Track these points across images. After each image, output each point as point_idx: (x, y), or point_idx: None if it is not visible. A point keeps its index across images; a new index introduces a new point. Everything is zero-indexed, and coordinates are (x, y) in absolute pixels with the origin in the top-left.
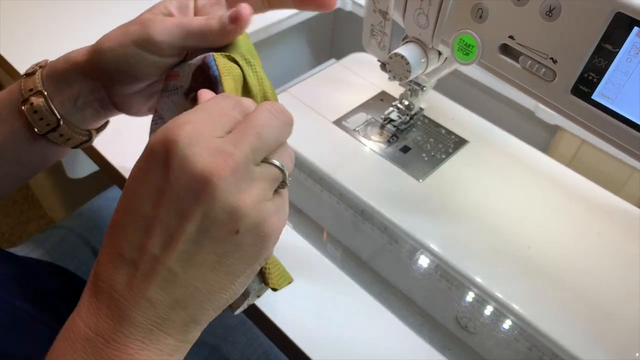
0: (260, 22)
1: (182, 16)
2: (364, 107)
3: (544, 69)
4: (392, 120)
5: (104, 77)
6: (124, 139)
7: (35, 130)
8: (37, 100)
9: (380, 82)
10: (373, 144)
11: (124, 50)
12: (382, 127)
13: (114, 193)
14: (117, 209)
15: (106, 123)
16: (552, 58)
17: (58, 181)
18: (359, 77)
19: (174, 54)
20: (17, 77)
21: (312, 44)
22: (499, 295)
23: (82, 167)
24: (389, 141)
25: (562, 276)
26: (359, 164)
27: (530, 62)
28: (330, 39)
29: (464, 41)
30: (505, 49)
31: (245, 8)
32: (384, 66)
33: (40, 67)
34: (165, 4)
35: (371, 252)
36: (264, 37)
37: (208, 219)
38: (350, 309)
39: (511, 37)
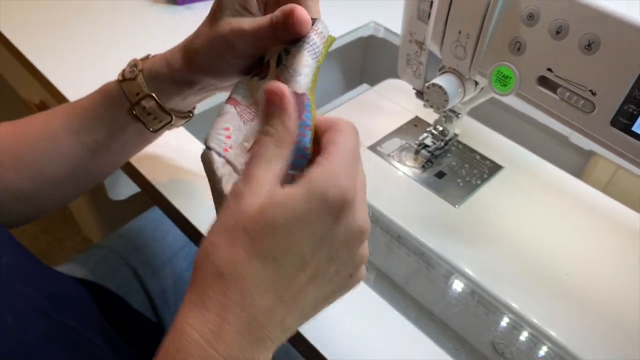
0: None
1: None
2: (398, 132)
3: (582, 101)
4: (426, 145)
5: (200, 70)
6: (165, 160)
7: (151, 129)
8: (148, 104)
9: (414, 107)
10: (407, 169)
11: (217, 61)
12: (417, 152)
13: (154, 214)
14: (262, 239)
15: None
16: (591, 90)
17: (97, 201)
18: (393, 103)
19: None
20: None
21: (343, 70)
22: (536, 321)
23: (123, 189)
24: (423, 166)
25: (600, 303)
26: (394, 189)
27: (568, 94)
28: (362, 65)
29: (501, 73)
30: (543, 81)
31: (298, 10)
32: (419, 93)
33: (140, 70)
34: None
35: (407, 277)
36: None
37: (348, 264)
38: (389, 334)
39: (549, 69)
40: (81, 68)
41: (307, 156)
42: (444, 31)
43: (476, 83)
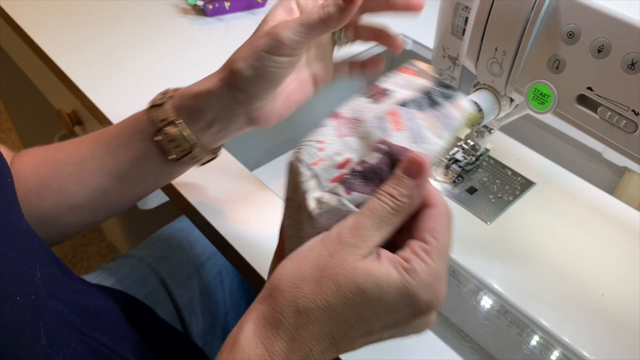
0: None
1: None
2: None
3: (624, 121)
4: (457, 160)
5: (242, 96)
6: (193, 170)
7: (172, 157)
8: (172, 130)
9: None
10: (438, 184)
11: (260, 62)
12: (447, 167)
13: (182, 224)
14: (346, 301)
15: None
16: (633, 110)
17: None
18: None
19: (302, 50)
20: (78, 94)
21: (370, 81)
22: (570, 343)
23: (152, 198)
24: (454, 181)
25: (638, 326)
26: None
27: (610, 113)
28: None
29: (539, 91)
30: (583, 100)
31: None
32: None
33: (169, 97)
34: (274, 14)
35: None
36: None
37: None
38: (420, 352)
39: (590, 88)
40: (112, 78)
41: None
42: (480, 48)
43: (511, 100)
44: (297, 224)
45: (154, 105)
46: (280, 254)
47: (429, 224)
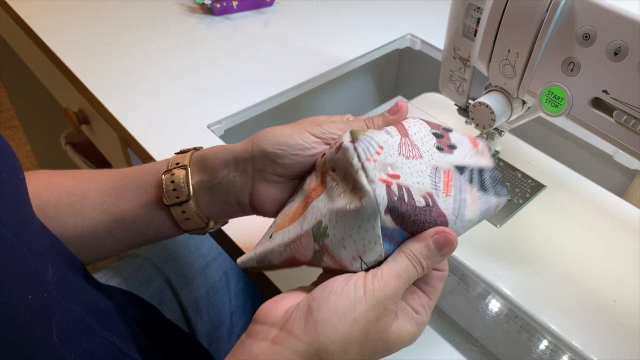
0: (331, 62)
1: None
2: None
3: None
4: None
5: (260, 159)
6: None
7: (164, 200)
8: (178, 172)
9: (454, 123)
10: None
11: (302, 137)
12: None
13: None
14: (336, 331)
15: (224, 222)
16: None
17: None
18: (432, 117)
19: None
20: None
21: (377, 82)
22: (580, 348)
23: None
24: None
25: None
26: None
27: (625, 117)
28: (396, 77)
29: (553, 93)
30: (598, 103)
31: (402, 101)
32: (461, 110)
33: (196, 149)
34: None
35: (447, 298)
36: (334, 77)
37: None
38: (428, 356)
39: (605, 91)
40: (119, 76)
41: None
42: (492, 49)
43: (524, 102)
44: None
45: (181, 152)
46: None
47: (437, 284)
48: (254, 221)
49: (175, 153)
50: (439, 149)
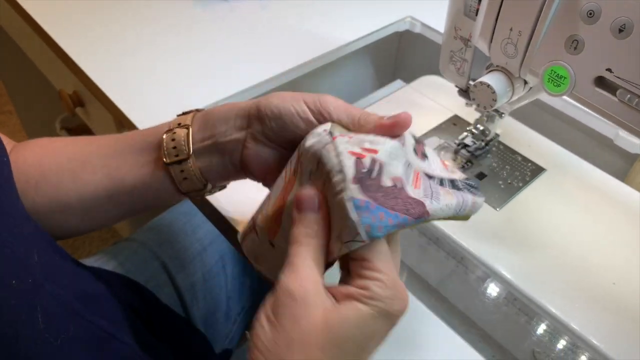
0: (329, 45)
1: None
2: (437, 131)
3: None
4: (466, 145)
5: (254, 117)
6: None
7: (164, 159)
8: (179, 131)
9: (453, 105)
10: None
11: (295, 103)
12: (456, 152)
13: (185, 207)
14: (325, 336)
15: (223, 187)
16: None
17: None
18: (431, 100)
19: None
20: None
21: (376, 65)
22: (579, 331)
23: None
24: (463, 167)
25: None
26: None
27: (629, 95)
28: (395, 61)
29: (555, 72)
30: (601, 82)
31: (405, 114)
32: (462, 92)
33: (198, 110)
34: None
35: (444, 280)
36: (332, 59)
37: None
38: (427, 339)
39: (609, 69)
40: (113, 57)
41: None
42: (494, 28)
43: (525, 82)
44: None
45: (183, 113)
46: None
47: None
48: (251, 205)
49: (177, 115)
50: (414, 151)
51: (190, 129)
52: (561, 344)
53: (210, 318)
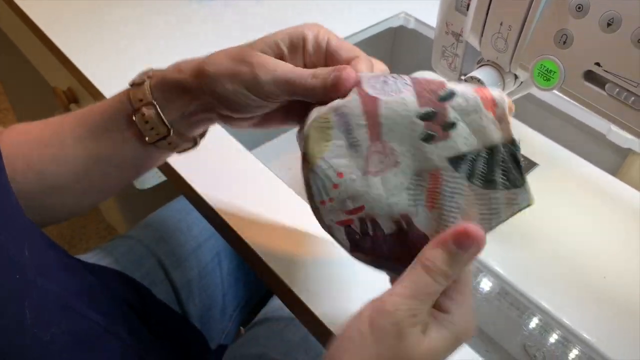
0: None
1: (292, 59)
2: None
3: (633, 97)
4: None
5: (210, 97)
6: (193, 150)
7: (146, 139)
8: (148, 111)
9: None
10: None
11: (231, 86)
12: None
13: (180, 204)
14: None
15: (194, 142)
16: None
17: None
18: None
19: (278, 102)
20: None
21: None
22: (570, 325)
23: (149, 177)
24: None
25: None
26: None
27: (618, 89)
28: (390, 56)
29: (545, 67)
30: (590, 76)
31: (348, 72)
32: None
33: (148, 77)
34: (276, 41)
35: None
36: None
37: None
38: None
39: (597, 63)
40: (108, 55)
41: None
42: (485, 22)
43: (516, 77)
44: None
45: (134, 84)
46: None
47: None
48: (245, 202)
49: (130, 84)
50: (427, 139)
51: (157, 106)
52: (552, 338)
53: (206, 314)
